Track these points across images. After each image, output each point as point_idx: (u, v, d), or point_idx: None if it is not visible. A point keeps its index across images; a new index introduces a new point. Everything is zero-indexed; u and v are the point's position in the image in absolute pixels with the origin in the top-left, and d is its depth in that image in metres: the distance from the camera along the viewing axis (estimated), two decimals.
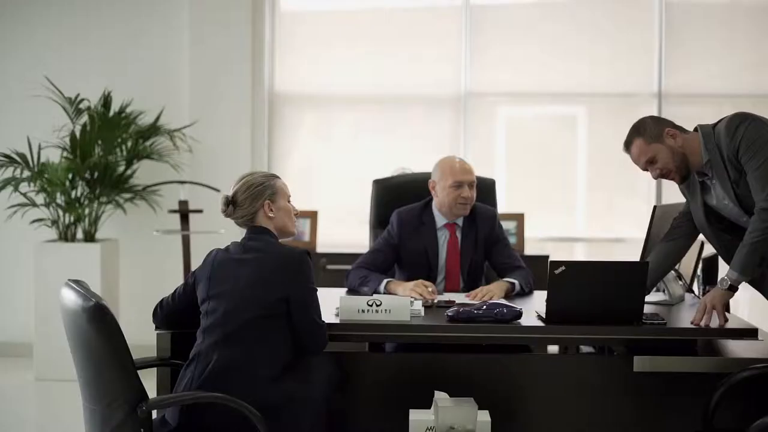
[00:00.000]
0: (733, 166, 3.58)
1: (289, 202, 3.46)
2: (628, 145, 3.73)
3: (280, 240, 3.43)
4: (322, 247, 6.61)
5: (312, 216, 6.62)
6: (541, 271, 3.96)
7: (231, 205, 3.38)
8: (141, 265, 6.97)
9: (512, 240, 6.35)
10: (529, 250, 6.58)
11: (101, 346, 2.87)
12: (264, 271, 3.23)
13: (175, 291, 3.46)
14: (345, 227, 6.57)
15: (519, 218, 6.46)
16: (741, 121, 3.57)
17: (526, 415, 3.63)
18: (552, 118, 7.28)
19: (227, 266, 3.29)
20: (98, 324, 2.85)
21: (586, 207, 7.19)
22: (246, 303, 3.20)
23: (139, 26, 7.03)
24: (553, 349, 5.09)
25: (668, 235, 3.89)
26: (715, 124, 3.66)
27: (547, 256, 6.10)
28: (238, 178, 3.42)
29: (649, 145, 3.67)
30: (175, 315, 3.45)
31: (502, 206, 6.73)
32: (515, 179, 7.16)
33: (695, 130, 3.70)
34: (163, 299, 3.49)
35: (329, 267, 6.13)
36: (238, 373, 3.14)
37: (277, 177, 3.46)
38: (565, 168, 7.17)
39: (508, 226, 6.37)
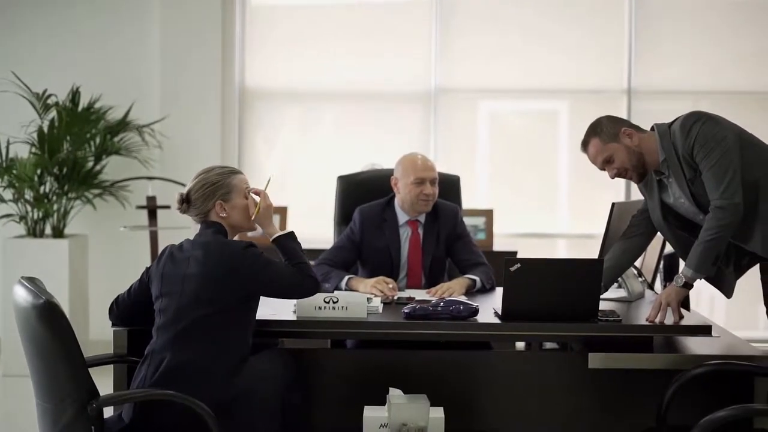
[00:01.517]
0: (689, 164, 3.60)
1: (247, 197, 3.43)
2: (585, 145, 3.76)
3: (240, 234, 3.44)
4: None
5: (282, 212, 6.62)
6: None
7: (185, 202, 3.37)
8: (110, 261, 6.95)
9: (481, 236, 6.37)
10: (503, 246, 6.59)
11: (51, 343, 2.86)
12: (210, 268, 3.21)
13: (130, 288, 3.45)
14: (315, 223, 6.55)
15: (488, 214, 6.46)
16: (696, 119, 3.60)
17: (481, 411, 3.64)
18: (527, 113, 7.32)
19: (178, 263, 3.28)
20: (48, 322, 2.84)
21: (567, 203, 7.22)
22: (196, 301, 3.19)
23: (108, 21, 7.00)
24: (520, 345, 5.10)
25: (627, 232, 3.91)
26: (671, 123, 3.69)
27: (516, 252, 6.11)
28: (195, 174, 3.41)
29: (606, 144, 3.69)
30: (131, 312, 3.44)
31: (477, 202, 6.75)
32: (492, 175, 7.19)
33: (652, 129, 3.72)
34: (119, 296, 3.48)
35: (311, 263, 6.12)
36: (191, 371, 3.13)
37: (236, 173, 3.44)
38: (544, 164, 7.19)
39: (476, 222, 6.38)
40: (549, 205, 7.25)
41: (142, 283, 3.40)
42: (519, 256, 5.88)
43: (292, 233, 3.46)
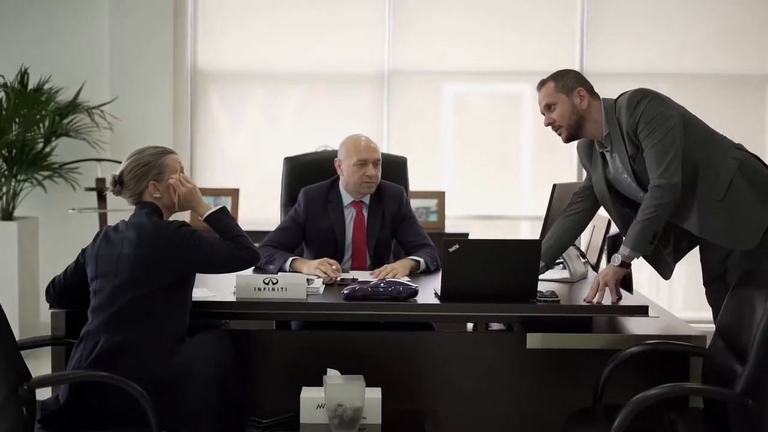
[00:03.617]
0: (632, 141, 3.62)
1: (179, 174, 3.41)
2: (541, 84, 3.77)
3: (177, 212, 3.43)
4: (243, 224, 6.43)
5: (233, 194, 6.60)
6: None
7: (118, 184, 3.35)
8: (60, 243, 6.87)
9: (433, 218, 6.38)
10: (457, 228, 6.60)
11: None
12: (145, 249, 3.20)
13: (66, 269, 3.43)
14: (266, 205, 6.53)
15: (440, 196, 6.47)
16: (642, 97, 3.61)
17: (420, 391, 3.65)
18: (485, 95, 7.34)
19: (113, 244, 3.26)
20: None
21: (530, 186, 7.23)
22: (130, 282, 3.17)
23: (57, 0, 6.91)
24: (469, 326, 5.11)
25: (567, 210, 3.92)
26: (617, 98, 3.70)
27: (467, 234, 6.12)
28: (128, 155, 3.39)
29: (557, 92, 3.70)
30: (67, 293, 3.43)
31: (433, 184, 6.74)
32: (449, 157, 7.21)
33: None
34: (55, 278, 3.46)
35: (255, 245, 6.09)
36: (126, 352, 3.12)
37: (169, 153, 3.42)
38: (506, 146, 7.21)
39: (428, 204, 6.40)
40: (512, 188, 7.26)
41: (78, 264, 3.38)
42: (472, 237, 5.90)
43: (223, 208, 3.46)
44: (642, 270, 3.87)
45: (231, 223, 3.43)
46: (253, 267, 4.20)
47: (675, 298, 7.19)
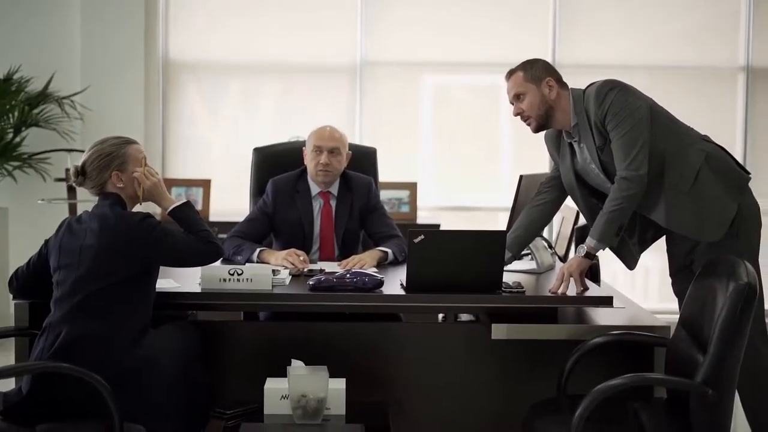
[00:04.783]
0: (599, 132, 3.62)
1: (143, 166, 3.40)
2: (510, 74, 3.76)
3: (142, 203, 3.41)
4: (215, 215, 6.58)
5: (205, 185, 6.58)
6: None
7: (81, 175, 3.33)
8: (31, 234, 6.79)
9: (405, 209, 6.39)
10: (429, 219, 6.61)
11: None
12: (107, 240, 3.18)
13: (30, 260, 3.40)
14: (237, 196, 6.51)
15: (411, 187, 6.48)
16: (610, 88, 3.61)
17: (386, 382, 3.66)
18: (462, 86, 7.36)
19: (76, 235, 3.24)
20: None
21: (508, 177, 7.23)
22: (92, 273, 3.16)
23: None
24: (439, 317, 5.12)
25: (534, 200, 3.93)
26: (586, 89, 3.70)
27: (439, 226, 6.13)
28: (89, 146, 3.36)
29: (526, 82, 3.70)
30: (30, 284, 3.40)
31: (407, 176, 6.73)
32: (423, 148, 7.20)
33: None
34: (18, 269, 3.44)
35: (221, 236, 6.07)
36: (88, 344, 3.10)
37: (132, 143, 3.40)
38: (483, 137, 7.23)
39: (400, 195, 6.40)
40: (490, 179, 7.26)
41: (41, 255, 3.36)
42: (443, 228, 5.91)
43: (188, 203, 3.44)
44: (618, 261, 3.88)
45: (195, 218, 3.41)
46: (221, 258, 4.20)
47: (651, 289, 7.23)
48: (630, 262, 3.79)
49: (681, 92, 6.98)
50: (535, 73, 3.71)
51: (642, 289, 7.16)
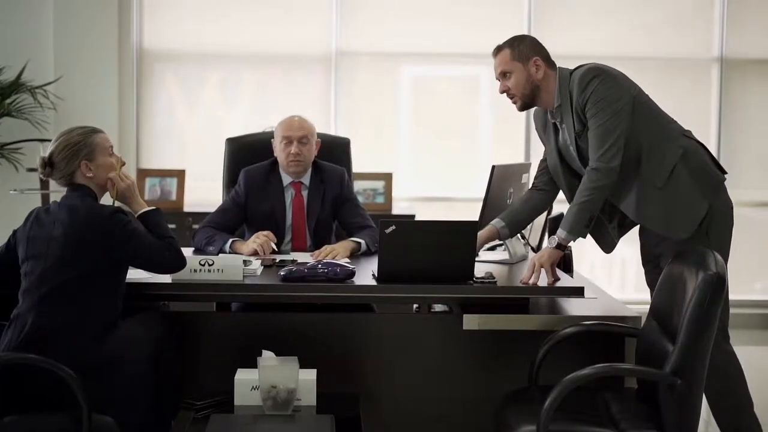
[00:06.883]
0: (579, 117, 3.60)
1: (111, 155, 3.37)
2: (497, 50, 3.73)
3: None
4: (189, 206, 6.55)
5: (179, 175, 6.55)
6: None
7: (48, 166, 3.30)
8: (2, 224, 6.76)
9: (380, 200, 6.38)
10: (405, 210, 6.61)
11: None
12: (76, 232, 3.16)
13: None
14: (210, 186, 6.50)
15: (387, 178, 6.47)
16: (594, 75, 3.58)
17: (358, 373, 3.66)
18: (439, 78, 7.33)
19: (44, 226, 3.22)
20: None
21: (487, 167, 7.19)
22: (60, 264, 3.14)
23: None
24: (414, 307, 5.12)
25: (537, 180, 3.94)
26: (574, 70, 3.68)
27: (413, 216, 6.13)
28: (56, 137, 3.33)
29: (512, 61, 3.68)
30: None
31: (382, 166, 6.72)
32: (400, 138, 7.19)
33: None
34: None
35: (195, 227, 6.06)
36: (55, 335, 3.08)
37: (98, 132, 3.37)
38: (462, 127, 7.21)
39: (375, 185, 6.39)
40: (468, 169, 7.23)
41: (9, 246, 3.33)
42: (418, 219, 5.91)
43: (157, 210, 3.42)
44: (597, 251, 3.88)
45: (163, 224, 3.40)
46: (192, 249, 4.19)
47: (628, 280, 7.25)
48: (607, 246, 3.78)
49: (655, 83, 6.92)
50: (522, 51, 3.68)
51: (619, 280, 7.19)
